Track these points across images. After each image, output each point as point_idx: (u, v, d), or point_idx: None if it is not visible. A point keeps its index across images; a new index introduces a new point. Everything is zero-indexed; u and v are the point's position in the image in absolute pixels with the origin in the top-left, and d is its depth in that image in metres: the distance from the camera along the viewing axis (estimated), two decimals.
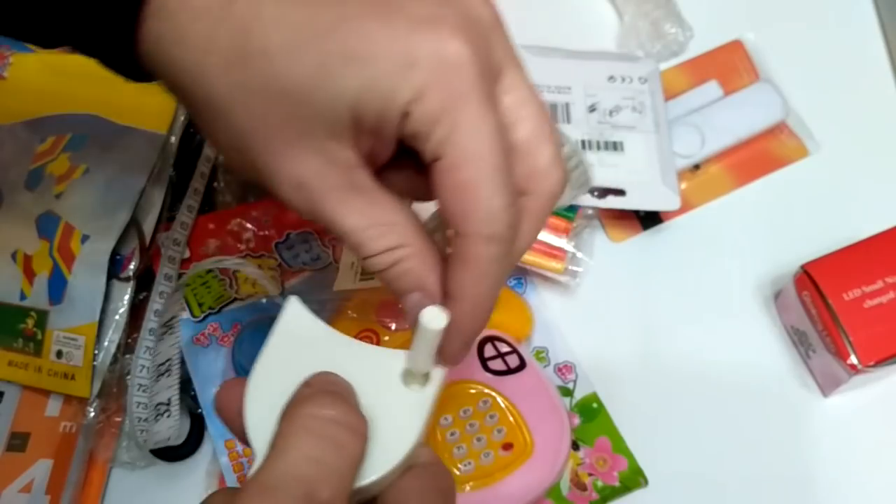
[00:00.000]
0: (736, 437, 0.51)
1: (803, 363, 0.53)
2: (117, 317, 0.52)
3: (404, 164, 0.32)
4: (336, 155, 0.30)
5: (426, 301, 0.31)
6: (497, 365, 0.50)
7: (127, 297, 0.52)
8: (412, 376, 0.32)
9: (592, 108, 0.57)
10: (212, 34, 0.29)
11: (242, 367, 0.51)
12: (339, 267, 0.53)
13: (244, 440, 0.30)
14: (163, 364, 0.52)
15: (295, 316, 0.33)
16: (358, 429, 0.28)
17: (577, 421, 0.51)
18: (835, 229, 0.53)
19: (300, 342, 0.32)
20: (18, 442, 0.51)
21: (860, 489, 0.50)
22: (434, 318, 0.30)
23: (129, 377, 0.50)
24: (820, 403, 0.52)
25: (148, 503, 0.52)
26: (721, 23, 0.62)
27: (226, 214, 0.56)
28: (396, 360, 0.32)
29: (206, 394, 0.52)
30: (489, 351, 0.50)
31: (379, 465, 0.29)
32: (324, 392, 0.29)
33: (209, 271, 0.54)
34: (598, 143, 0.56)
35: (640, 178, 0.55)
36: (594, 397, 0.52)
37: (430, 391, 0.31)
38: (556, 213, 0.54)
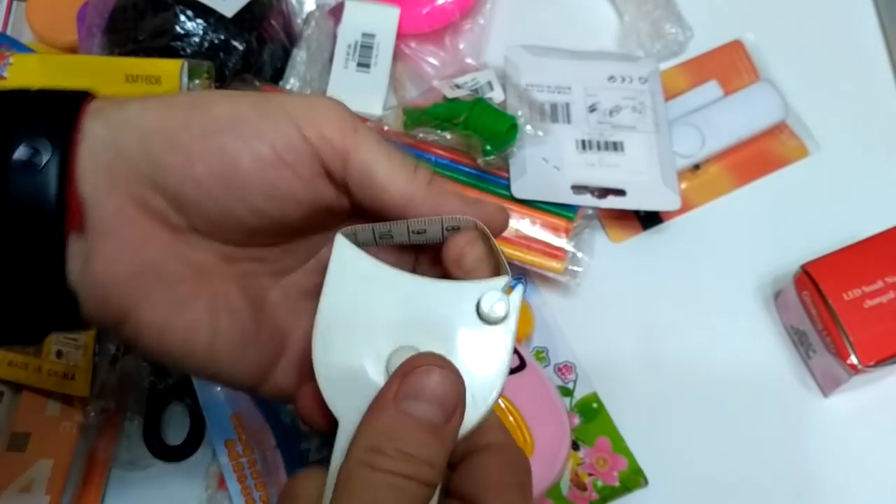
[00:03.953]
0: (736, 437, 0.51)
1: (803, 363, 0.53)
2: None
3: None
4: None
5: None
6: None
7: None
8: (488, 304, 0.29)
9: (592, 108, 0.57)
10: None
11: None
12: None
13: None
14: None
15: (346, 256, 0.31)
16: (435, 460, 0.27)
17: (577, 421, 0.51)
18: (835, 229, 0.53)
19: (358, 286, 0.30)
20: (18, 442, 0.51)
21: (860, 489, 0.50)
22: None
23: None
24: (820, 403, 0.52)
25: (148, 503, 0.52)
26: (721, 23, 0.62)
27: None
28: (467, 292, 0.29)
29: (206, 394, 0.52)
30: None
31: (466, 416, 0.28)
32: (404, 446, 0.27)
33: None
34: (598, 143, 0.56)
35: (640, 178, 0.55)
36: (594, 397, 0.52)
37: (510, 320, 0.29)
38: (557, 213, 0.54)
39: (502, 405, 0.49)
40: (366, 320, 0.29)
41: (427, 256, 0.33)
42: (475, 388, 0.28)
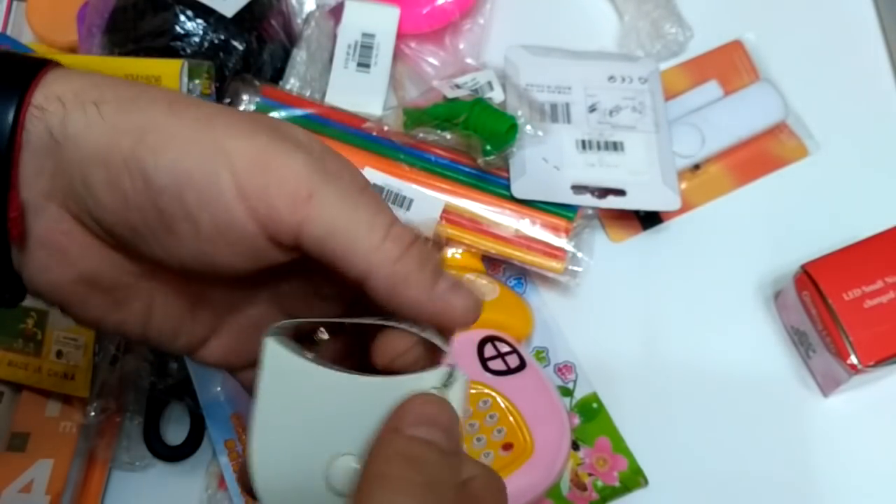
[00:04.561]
0: (736, 437, 0.51)
1: (803, 363, 0.53)
2: None
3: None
4: None
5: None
6: (497, 365, 0.50)
7: None
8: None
9: (592, 108, 0.57)
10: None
11: None
12: None
13: None
14: None
15: (278, 359, 0.29)
16: (451, 482, 0.27)
17: (577, 421, 0.51)
18: (835, 229, 0.53)
19: (292, 392, 0.28)
20: (18, 442, 0.51)
21: (860, 489, 0.50)
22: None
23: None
24: (820, 403, 0.52)
25: (148, 503, 0.52)
26: (721, 23, 0.61)
27: None
28: (403, 389, 0.28)
29: (206, 394, 0.52)
30: (489, 351, 0.50)
31: None
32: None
33: None
34: (598, 143, 0.56)
35: (640, 178, 0.55)
36: (594, 397, 0.52)
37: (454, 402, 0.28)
38: (557, 213, 0.54)
39: (502, 405, 0.49)
40: (303, 429, 0.28)
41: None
42: None
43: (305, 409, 0.28)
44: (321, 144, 0.30)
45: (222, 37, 0.55)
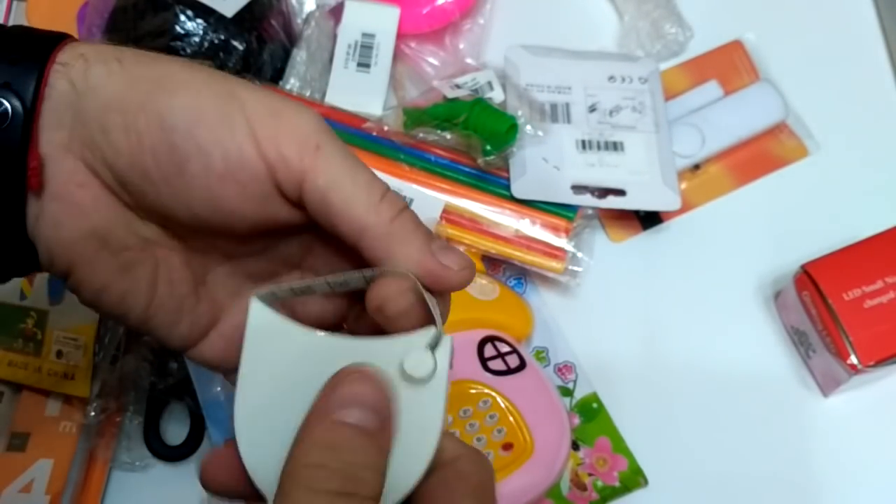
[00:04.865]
0: (736, 437, 0.51)
1: (803, 363, 0.53)
2: None
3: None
4: None
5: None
6: (497, 365, 0.50)
7: None
8: (410, 360, 0.28)
9: (592, 108, 0.57)
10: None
11: None
12: None
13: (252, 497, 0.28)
14: None
15: (262, 321, 0.29)
16: (376, 465, 0.26)
17: (577, 421, 0.51)
18: (835, 229, 0.53)
19: (277, 352, 0.29)
20: (18, 442, 0.51)
21: (860, 489, 0.50)
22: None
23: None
24: (820, 403, 0.52)
25: (148, 503, 0.52)
26: (721, 23, 0.61)
27: None
28: (391, 349, 0.28)
29: (206, 394, 0.52)
30: (489, 351, 0.50)
31: (403, 477, 0.26)
32: (327, 432, 0.26)
33: None
34: (598, 143, 0.56)
35: (640, 178, 0.55)
36: (594, 397, 0.52)
37: (440, 377, 0.28)
38: (557, 213, 0.54)
39: (502, 405, 0.49)
40: (287, 389, 0.28)
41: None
42: (407, 450, 0.27)
43: (289, 369, 0.28)
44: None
45: (222, 37, 0.55)
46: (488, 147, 0.53)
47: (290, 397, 0.28)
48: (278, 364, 0.29)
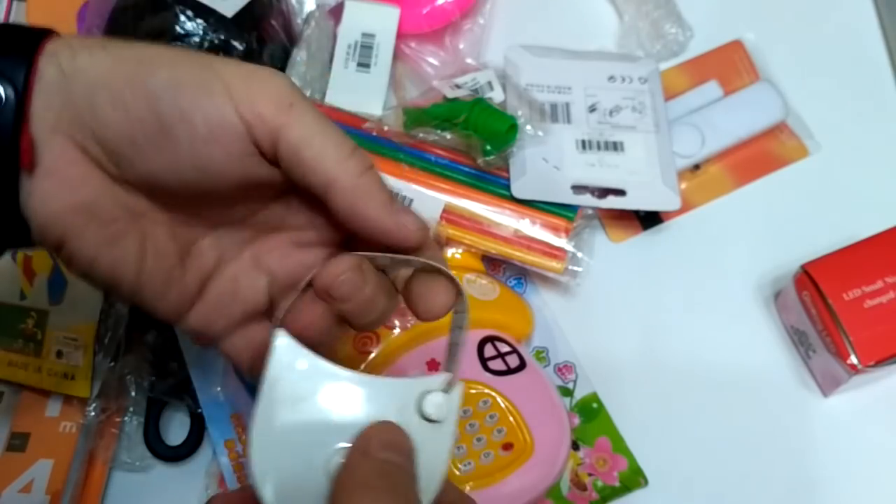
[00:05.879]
0: (736, 437, 0.51)
1: (803, 363, 0.53)
2: (117, 317, 0.52)
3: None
4: None
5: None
6: (497, 365, 0.50)
7: None
8: (428, 402, 0.31)
9: (592, 108, 0.57)
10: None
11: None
12: None
13: None
14: None
15: (287, 352, 0.30)
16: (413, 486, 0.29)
17: (577, 421, 0.51)
18: (835, 229, 0.53)
19: (299, 384, 0.30)
20: (18, 442, 0.51)
21: (860, 489, 0.50)
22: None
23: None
24: (820, 403, 0.52)
25: (148, 503, 0.52)
26: (721, 23, 0.62)
27: None
28: (407, 390, 0.30)
29: (206, 394, 0.52)
30: (489, 351, 0.50)
31: None
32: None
33: None
34: (598, 143, 0.56)
35: (640, 178, 0.55)
36: (594, 397, 0.52)
37: (451, 417, 0.31)
38: (557, 213, 0.54)
39: (502, 405, 0.49)
40: (306, 422, 0.29)
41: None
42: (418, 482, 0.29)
43: (309, 401, 0.29)
44: None
45: (222, 37, 0.55)
46: (488, 147, 0.53)
47: (310, 428, 0.29)
48: (300, 394, 0.30)
